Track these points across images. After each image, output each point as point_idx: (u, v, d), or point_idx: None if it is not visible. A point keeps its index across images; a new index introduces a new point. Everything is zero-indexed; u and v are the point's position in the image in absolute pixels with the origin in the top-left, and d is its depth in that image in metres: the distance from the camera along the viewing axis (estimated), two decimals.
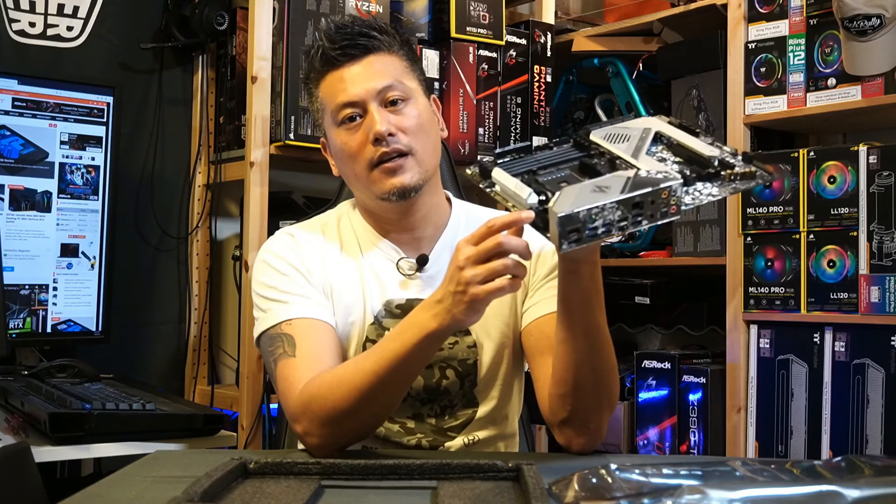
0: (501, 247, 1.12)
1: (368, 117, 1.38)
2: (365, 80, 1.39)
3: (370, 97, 1.38)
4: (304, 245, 1.44)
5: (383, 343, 1.24)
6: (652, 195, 1.02)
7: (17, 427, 1.64)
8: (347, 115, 1.39)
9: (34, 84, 2.13)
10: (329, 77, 1.41)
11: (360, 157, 1.38)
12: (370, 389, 1.22)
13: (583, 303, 1.23)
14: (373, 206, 1.44)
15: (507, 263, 1.13)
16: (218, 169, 2.41)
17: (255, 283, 1.43)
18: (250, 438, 2.15)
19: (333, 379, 1.25)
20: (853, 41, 2.12)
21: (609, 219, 1.02)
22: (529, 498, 0.93)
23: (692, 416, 2.40)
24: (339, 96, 1.39)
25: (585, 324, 1.24)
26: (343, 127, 1.40)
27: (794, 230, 2.23)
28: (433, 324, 1.18)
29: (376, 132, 1.36)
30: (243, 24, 2.35)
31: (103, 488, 1.05)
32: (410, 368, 1.23)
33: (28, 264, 2.11)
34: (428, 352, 1.22)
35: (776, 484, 0.92)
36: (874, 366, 2.08)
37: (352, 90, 1.38)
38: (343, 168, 1.45)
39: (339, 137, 1.41)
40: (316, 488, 1.02)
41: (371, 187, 1.40)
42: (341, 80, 1.40)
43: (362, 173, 1.39)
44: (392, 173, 1.37)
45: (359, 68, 1.40)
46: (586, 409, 1.29)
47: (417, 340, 1.19)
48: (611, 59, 2.71)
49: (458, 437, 1.43)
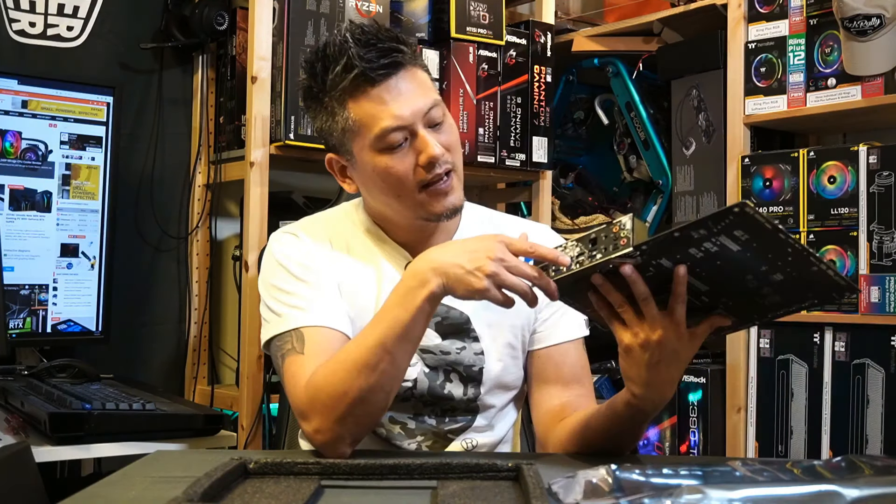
0: (531, 273, 1.15)
1: (419, 141, 1.33)
2: (409, 101, 1.33)
3: (417, 119, 1.33)
4: (313, 245, 1.42)
5: (383, 314, 1.23)
6: (605, 230, 1.09)
7: (17, 427, 1.64)
8: (397, 141, 1.33)
9: (34, 84, 2.13)
10: (364, 98, 1.33)
11: (408, 181, 1.34)
12: (377, 362, 1.21)
13: None
14: (406, 223, 1.41)
15: (526, 289, 1.16)
16: (218, 169, 2.41)
17: (267, 286, 1.40)
18: (250, 438, 2.15)
19: (337, 363, 1.24)
20: (853, 41, 2.12)
21: (570, 254, 1.12)
22: (529, 498, 0.93)
23: (692, 416, 2.40)
24: (383, 121, 1.32)
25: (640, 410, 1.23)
26: (387, 152, 1.33)
27: (794, 230, 2.23)
28: (434, 285, 1.19)
29: (432, 157, 1.32)
30: (243, 24, 2.35)
31: (103, 488, 1.05)
32: (414, 333, 1.23)
33: (28, 264, 2.11)
34: (430, 314, 1.23)
35: (776, 484, 0.92)
36: (874, 366, 2.08)
37: (398, 113, 1.32)
38: (379, 192, 1.38)
39: (381, 162, 1.34)
40: (316, 488, 1.02)
41: (418, 210, 1.37)
42: (382, 102, 1.32)
43: (409, 196, 1.35)
44: (444, 195, 1.35)
45: (397, 87, 1.32)
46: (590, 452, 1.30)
47: (420, 303, 1.19)
48: (611, 59, 2.71)
49: (457, 441, 1.43)
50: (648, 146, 2.66)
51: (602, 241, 1.09)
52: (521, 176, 2.66)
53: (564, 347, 1.44)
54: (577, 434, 1.30)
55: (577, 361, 1.45)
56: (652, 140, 2.64)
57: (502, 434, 1.48)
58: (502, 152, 2.52)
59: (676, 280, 1.08)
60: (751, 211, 0.97)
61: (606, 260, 1.07)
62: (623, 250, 1.06)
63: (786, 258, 1.02)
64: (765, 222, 0.98)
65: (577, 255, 1.11)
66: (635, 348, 1.14)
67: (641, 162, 2.73)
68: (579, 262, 1.11)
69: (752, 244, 1.01)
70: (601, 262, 1.08)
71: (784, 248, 1.01)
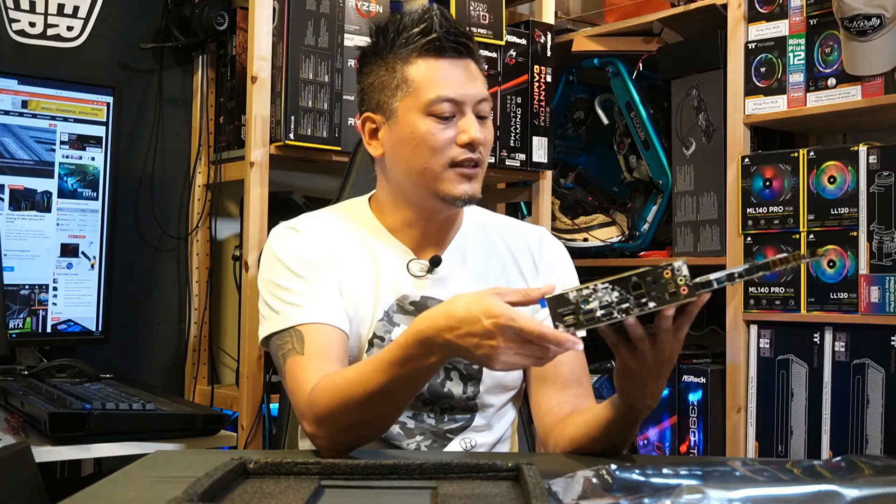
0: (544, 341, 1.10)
1: (465, 120, 1.37)
2: (470, 83, 1.38)
3: (471, 102, 1.38)
4: (313, 240, 1.42)
5: (384, 363, 1.21)
6: (651, 274, 1.02)
7: (17, 427, 1.64)
8: (445, 111, 1.37)
9: (34, 84, 2.13)
10: (430, 62, 1.38)
11: (443, 154, 1.37)
12: (372, 404, 1.22)
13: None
14: (417, 203, 1.43)
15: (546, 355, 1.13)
16: (218, 169, 2.41)
17: (266, 282, 1.41)
18: (250, 438, 2.15)
19: (336, 390, 1.24)
20: (853, 41, 2.12)
21: (605, 300, 1.03)
22: (529, 498, 0.93)
23: (692, 416, 2.40)
24: (444, 88, 1.37)
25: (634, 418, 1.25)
26: (433, 118, 1.37)
27: (794, 230, 2.23)
28: (441, 356, 1.17)
29: (474, 138, 1.36)
30: (243, 24, 2.35)
31: (103, 488, 1.05)
32: (417, 386, 1.24)
33: (28, 264, 2.11)
34: (430, 376, 1.23)
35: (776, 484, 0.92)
36: (874, 366, 2.08)
37: (458, 88, 1.37)
38: (409, 155, 1.39)
39: (425, 125, 1.37)
40: (316, 488, 1.02)
41: (439, 185, 1.38)
42: (447, 71, 1.37)
43: (437, 168, 1.37)
44: (467, 180, 1.38)
45: (462, 69, 1.39)
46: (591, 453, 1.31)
47: (425, 367, 1.18)
48: (611, 59, 2.71)
49: (456, 440, 1.43)
50: (648, 146, 2.66)
51: (650, 286, 1.03)
52: (521, 176, 2.66)
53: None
54: (573, 439, 1.32)
55: (575, 361, 1.45)
56: (652, 140, 2.64)
57: (501, 433, 1.48)
58: (502, 152, 2.52)
59: (662, 317, 1.09)
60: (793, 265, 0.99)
61: (662, 307, 1.04)
62: (685, 299, 1.02)
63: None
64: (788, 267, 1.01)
65: (616, 300, 1.03)
66: (638, 372, 1.16)
67: (641, 162, 2.73)
68: (623, 310, 1.03)
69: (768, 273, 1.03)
70: (655, 309, 1.03)
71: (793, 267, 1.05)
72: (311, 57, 2.20)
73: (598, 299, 1.04)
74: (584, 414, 1.33)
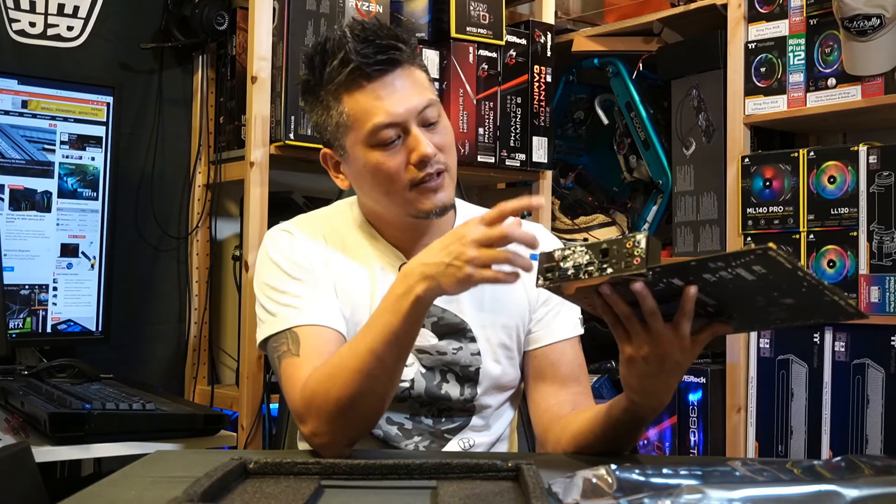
0: (509, 236, 1.12)
1: (412, 139, 1.33)
2: (404, 99, 1.33)
3: (411, 117, 1.33)
4: (308, 243, 1.42)
5: (374, 320, 1.23)
6: (617, 243, 1.05)
7: (17, 427, 1.64)
8: (389, 137, 1.33)
9: (34, 84, 2.13)
10: (359, 93, 1.33)
11: (399, 179, 1.34)
12: (370, 369, 1.21)
13: None
14: (398, 221, 1.41)
15: (510, 256, 1.13)
16: (218, 169, 2.41)
17: (261, 285, 1.41)
18: (250, 438, 2.15)
19: (331, 368, 1.24)
20: (853, 41, 2.12)
21: (578, 262, 1.07)
22: (529, 498, 0.93)
23: (692, 416, 2.40)
24: (376, 116, 1.32)
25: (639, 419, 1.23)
26: (379, 149, 1.34)
27: (794, 230, 2.23)
28: (419, 289, 1.17)
29: (424, 155, 1.32)
30: (243, 24, 2.35)
31: (103, 488, 1.05)
32: (405, 338, 1.22)
33: (28, 264, 2.11)
34: (419, 318, 1.21)
35: (776, 484, 0.92)
36: (874, 366, 2.08)
37: (392, 110, 1.32)
38: (369, 188, 1.39)
39: (373, 158, 1.34)
40: (316, 488, 1.02)
41: (407, 207, 1.37)
42: (377, 98, 1.32)
43: (399, 193, 1.35)
44: (433, 193, 1.35)
45: (392, 84, 1.33)
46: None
47: (408, 308, 1.18)
48: (611, 59, 2.71)
49: (454, 440, 1.43)
50: (648, 146, 2.66)
51: (614, 254, 1.05)
52: (521, 176, 2.66)
53: (560, 346, 1.45)
54: (576, 437, 1.31)
55: (573, 360, 1.45)
56: (652, 140, 2.64)
57: (499, 433, 1.48)
58: (502, 152, 2.52)
59: (686, 298, 1.06)
60: (773, 254, 0.96)
61: (617, 276, 1.05)
62: (635, 270, 1.04)
63: (800, 290, 1.02)
64: (785, 262, 0.97)
65: (585, 263, 1.07)
66: (638, 360, 1.13)
67: (641, 162, 2.73)
68: (588, 272, 1.07)
69: (768, 277, 1.01)
70: (611, 276, 1.06)
71: (800, 282, 1.01)
72: None
73: (573, 259, 1.08)
74: (588, 411, 1.32)
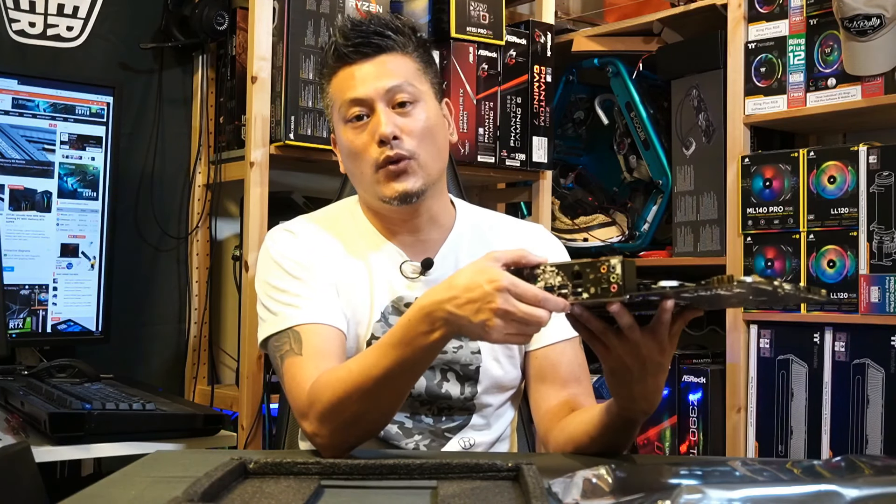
0: (544, 304, 1.07)
1: (375, 117, 1.38)
2: (374, 79, 1.38)
3: (378, 97, 1.38)
4: (309, 243, 1.43)
5: (389, 349, 1.19)
6: (590, 266, 1.03)
7: (17, 427, 1.64)
8: (355, 113, 1.39)
9: (34, 84, 2.13)
10: (340, 73, 1.41)
11: (366, 157, 1.38)
12: (380, 391, 1.20)
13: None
14: (377, 206, 1.44)
15: (542, 321, 1.08)
16: (218, 169, 2.41)
17: (263, 284, 1.41)
18: (250, 438, 2.15)
19: (338, 382, 1.23)
20: (853, 41, 2.12)
21: (550, 283, 1.06)
22: (529, 498, 0.93)
23: (692, 416, 2.40)
24: (347, 93, 1.39)
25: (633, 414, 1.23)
26: (350, 125, 1.40)
27: (794, 230, 2.23)
28: (441, 332, 1.14)
29: (381, 134, 1.36)
30: (243, 24, 2.35)
31: (103, 488, 1.05)
32: (419, 369, 1.22)
33: (28, 264, 2.11)
34: (437, 353, 1.20)
35: (776, 484, 0.92)
36: (874, 366, 2.08)
37: (360, 88, 1.38)
38: (349, 165, 1.45)
39: (346, 135, 1.41)
40: (316, 488, 1.02)
41: (374, 189, 1.40)
42: (351, 78, 1.39)
43: (367, 173, 1.39)
44: (395, 177, 1.37)
45: (370, 67, 1.39)
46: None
47: (427, 345, 1.15)
48: (611, 59, 2.71)
49: (455, 439, 1.43)
50: (648, 146, 2.66)
51: (588, 278, 1.03)
52: (521, 176, 2.66)
53: (560, 346, 1.45)
54: (573, 439, 1.31)
55: (573, 360, 1.45)
56: (652, 140, 2.64)
57: (500, 432, 1.48)
58: (502, 152, 2.52)
59: (662, 309, 1.06)
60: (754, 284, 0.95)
61: (594, 303, 1.03)
62: (613, 297, 1.01)
63: (775, 295, 1.01)
64: (766, 286, 0.96)
65: (558, 284, 1.05)
66: (620, 369, 1.13)
67: (641, 162, 2.73)
68: (562, 294, 1.05)
69: (746, 296, 1.01)
70: (588, 301, 1.03)
71: (775, 292, 0.99)
72: (311, 57, 2.20)
73: (544, 280, 1.06)
74: (584, 414, 1.33)
